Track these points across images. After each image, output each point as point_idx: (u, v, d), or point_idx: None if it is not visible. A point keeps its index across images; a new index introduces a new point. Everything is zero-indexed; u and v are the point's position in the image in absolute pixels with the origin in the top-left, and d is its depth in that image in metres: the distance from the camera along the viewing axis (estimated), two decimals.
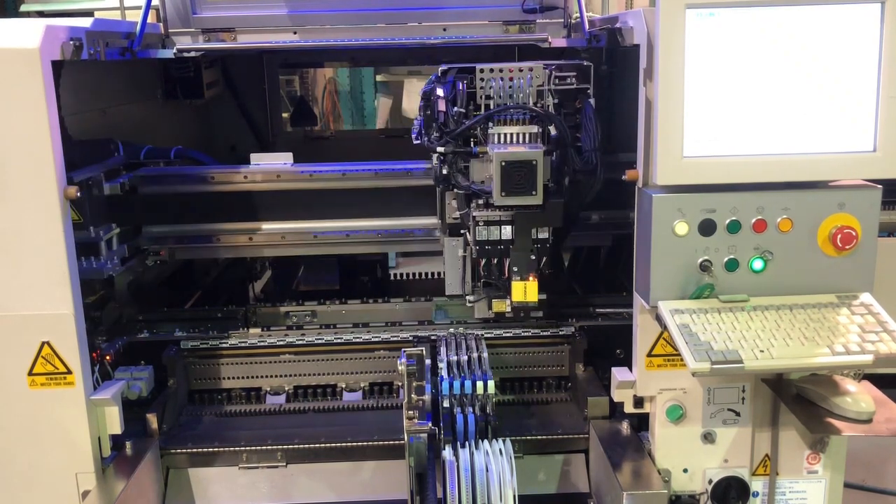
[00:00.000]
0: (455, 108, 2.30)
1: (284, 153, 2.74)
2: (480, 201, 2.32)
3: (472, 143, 2.33)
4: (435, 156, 2.37)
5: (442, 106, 2.32)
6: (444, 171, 2.35)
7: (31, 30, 1.95)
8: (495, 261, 2.36)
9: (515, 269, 2.34)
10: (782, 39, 1.92)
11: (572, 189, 2.37)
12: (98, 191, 2.48)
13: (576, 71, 2.35)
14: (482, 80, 2.32)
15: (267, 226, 2.73)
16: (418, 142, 2.42)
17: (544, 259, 2.34)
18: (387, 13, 2.80)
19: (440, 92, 2.32)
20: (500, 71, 2.33)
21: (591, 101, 2.34)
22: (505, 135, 2.28)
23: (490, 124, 2.30)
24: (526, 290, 2.33)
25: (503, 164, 2.16)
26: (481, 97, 2.33)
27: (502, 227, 2.30)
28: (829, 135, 1.97)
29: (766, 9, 1.91)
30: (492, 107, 2.31)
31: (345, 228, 2.74)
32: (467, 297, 2.51)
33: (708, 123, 1.96)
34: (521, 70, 2.33)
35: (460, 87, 2.30)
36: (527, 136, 2.28)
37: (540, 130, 2.30)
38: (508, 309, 2.42)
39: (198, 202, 2.71)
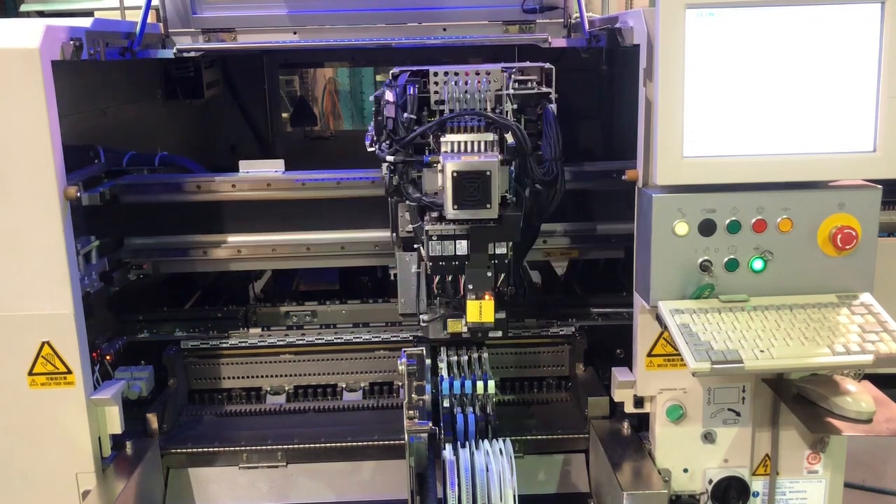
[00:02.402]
0: (405, 115, 2.15)
1: (276, 160, 2.62)
2: (434, 214, 2.15)
3: (425, 152, 2.17)
4: (385, 165, 2.23)
5: (391, 112, 2.16)
6: (395, 182, 2.20)
7: (31, 30, 1.95)
8: (450, 278, 2.18)
9: (471, 286, 2.15)
10: (782, 39, 1.92)
11: (533, 200, 2.21)
12: (75, 199, 2.20)
13: (537, 74, 2.21)
14: (436, 83, 2.18)
15: (257, 238, 2.62)
16: (372, 149, 2.26)
17: (503, 276, 2.18)
18: (387, 13, 2.80)
19: (389, 96, 2.16)
20: (456, 74, 2.19)
21: (553, 106, 2.18)
22: (459, 143, 2.14)
23: (443, 132, 2.15)
24: (482, 310, 2.15)
25: (455, 174, 2.03)
26: (435, 102, 2.19)
27: (457, 241, 2.12)
28: (829, 135, 1.97)
29: (766, 9, 1.90)
30: (446, 112, 2.17)
31: (340, 240, 2.62)
32: (421, 317, 2.34)
33: (708, 123, 1.96)
34: (477, 73, 2.19)
35: (411, 92, 2.16)
36: (482, 144, 2.14)
37: (497, 138, 2.15)
38: (465, 329, 2.24)
39: (183, 212, 2.59)
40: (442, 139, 2.15)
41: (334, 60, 4.34)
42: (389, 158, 2.18)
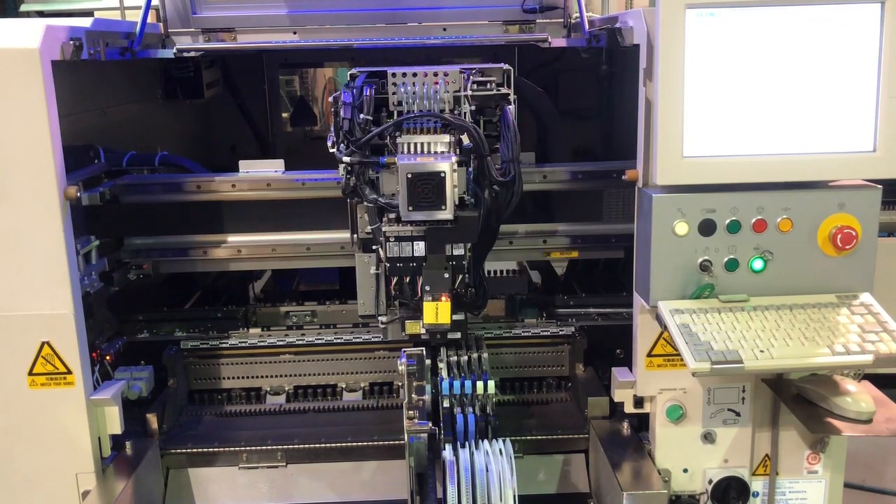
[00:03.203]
0: (361, 115, 2.14)
1: (275, 160, 2.62)
2: (392, 216, 2.17)
3: (384, 153, 2.18)
4: (342, 166, 2.20)
5: (347, 113, 2.15)
6: (352, 183, 2.19)
7: (31, 30, 1.95)
8: (408, 279, 2.20)
9: (427, 288, 2.16)
10: (782, 39, 1.92)
11: (492, 202, 2.19)
12: (76, 201, 2.22)
13: (497, 76, 2.21)
14: (394, 84, 2.18)
15: (257, 238, 2.62)
16: (333, 150, 2.23)
17: (460, 277, 2.19)
18: (387, 13, 2.80)
19: (345, 97, 2.16)
20: (414, 75, 2.19)
21: (512, 107, 2.18)
22: (414, 144, 2.14)
23: (399, 133, 2.16)
24: (438, 312, 2.16)
25: (409, 176, 2.05)
26: (393, 104, 2.19)
27: (414, 243, 2.15)
28: (829, 135, 1.97)
29: (766, 9, 1.90)
30: (404, 114, 2.17)
31: (339, 240, 2.60)
32: (380, 318, 2.35)
33: (708, 123, 1.96)
34: (436, 74, 2.19)
35: (367, 93, 2.16)
36: (438, 145, 2.15)
37: (454, 140, 2.16)
38: (423, 331, 2.26)
39: (183, 212, 2.59)
40: (398, 140, 2.16)
41: (334, 60, 4.34)
42: (346, 159, 2.17)
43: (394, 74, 2.19)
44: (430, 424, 2.05)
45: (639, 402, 2.25)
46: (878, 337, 1.90)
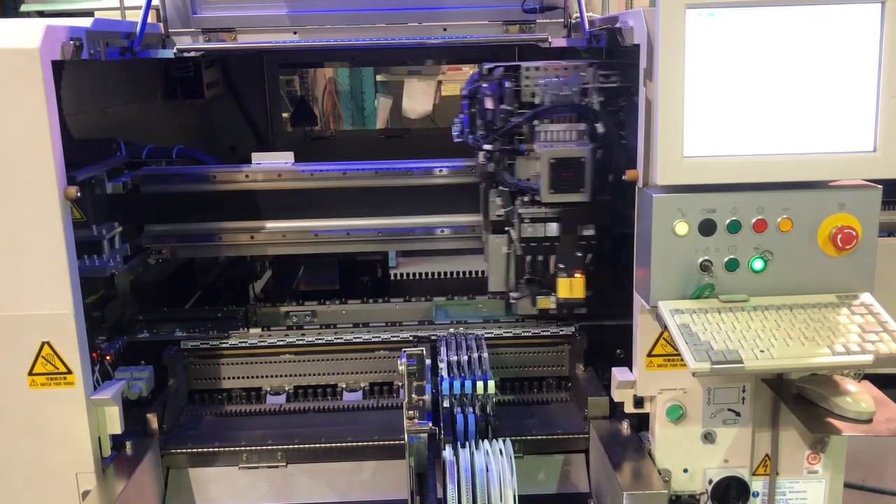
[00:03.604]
0: (502, 106, 2.31)
1: (285, 152, 2.75)
2: (526, 198, 2.35)
3: (517, 141, 2.35)
4: (481, 154, 2.40)
5: (489, 104, 2.32)
6: (491, 169, 2.38)
7: (31, 30, 1.94)
8: (540, 258, 2.39)
9: (562, 265, 2.36)
10: (782, 39, 1.92)
11: (615, 186, 2.35)
12: (100, 190, 2.51)
13: (619, 70, 2.37)
14: (528, 77, 2.34)
15: (268, 224, 2.74)
16: (460, 140, 2.45)
17: (590, 256, 2.36)
18: (387, 13, 2.80)
19: (486, 90, 2.33)
20: (546, 69, 2.35)
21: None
22: (552, 132, 2.30)
23: (536, 122, 2.31)
24: (572, 287, 2.36)
25: (552, 161, 2.21)
26: (526, 95, 2.35)
27: (548, 224, 2.32)
28: (829, 135, 1.97)
29: (766, 9, 1.91)
30: (536, 104, 2.33)
31: (345, 227, 2.74)
32: (511, 294, 2.51)
33: (708, 123, 1.96)
34: (566, 68, 2.35)
35: (507, 86, 2.31)
36: (574, 133, 2.30)
37: (586, 128, 2.31)
38: (553, 305, 2.43)
39: (199, 201, 2.72)
40: (536, 129, 2.30)
41: (334, 60, 4.35)
42: (487, 147, 2.35)
43: (527, 69, 2.35)
44: (430, 424, 2.05)
45: (639, 402, 2.25)
46: (878, 337, 1.90)
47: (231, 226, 2.74)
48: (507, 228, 2.48)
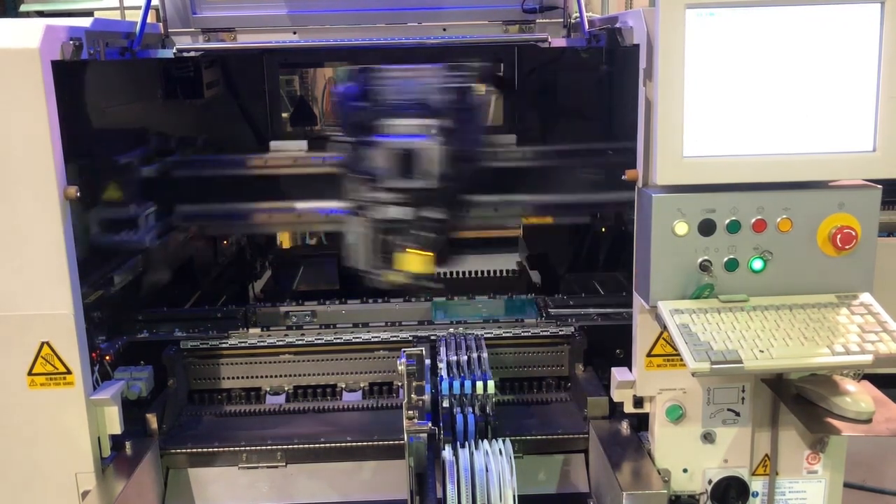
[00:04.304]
0: (360, 104, 2.56)
1: (300, 141, 3.04)
2: (378, 185, 2.57)
3: (373, 134, 2.58)
4: (340, 145, 2.65)
5: (345, 102, 2.59)
6: (348, 159, 2.63)
7: (31, 30, 1.94)
8: (394, 238, 2.60)
9: (410, 244, 2.58)
10: (782, 39, 1.92)
11: (458, 174, 2.62)
12: (136, 173, 2.82)
13: (465, 71, 2.61)
14: (380, 79, 2.58)
15: (285, 205, 3.00)
16: (329, 133, 2.77)
17: (438, 236, 2.59)
18: (387, 13, 2.80)
19: (343, 90, 2.61)
20: (400, 71, 2.58)
21: (476, 97, 2.63)
22: (400, 126, 2.54)
23: (388, 118, 2.55)
24: (419, 263, 2.58)
25: (399, 152, 2.48)
26: (381, 94, 2.59)
27: (398, 207, 2.56)
28: (829, 135, 1.97)
29: (766, 9, 1.91)
30: (388, 102, 2.58)
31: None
32: (370, 270, 2.68)
33: (708, 123, 1.96)
34: (416, 70, 2.59)
35: (363, 86, 2.56)
36: (418, 128, 2.54)
37: (431, 123, 2.54)
38: (405, 279, 2.63)
39: (224, 184, 2.99)
40: (387, 123, 2.54)
41: (334, 60, 4.34)
42: (344, 139, 2.61)
43: (379, 70, 2.58)
44: (430, 424, 2.05)
45: (638, 402, 2.25)
46: (877, 337, 1.90)
47: (251, 206, 3.00)
48: (365, 212, 2.70)
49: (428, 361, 2.26)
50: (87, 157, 2.41)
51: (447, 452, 2.02)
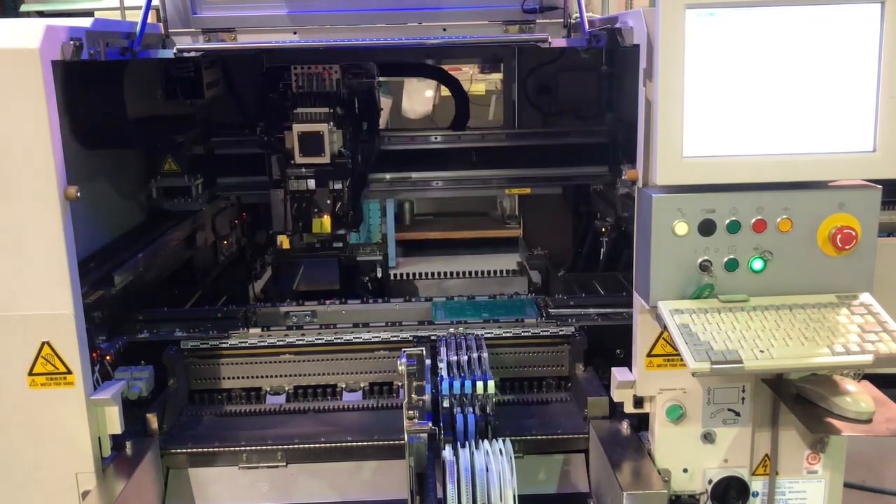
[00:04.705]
0: (274, 95, 3.11)
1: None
2: (293, 162, 3.06)
3: (289, 120, 3.07)
4: (259, 129, 3.15)
5: (266, 93, 3.12)
6: (267, 140, 3.14)
7: (31, 30, 1.94)
8: (304, 205, 3.12)
9: (316, 210, 3.12)
10: (782, 39, 1.92)
11: (362, 154, 3.28)
12: (188, 151, 3.28)
13: (364, 69, 3.20)
14: (296, 75, 3.09)
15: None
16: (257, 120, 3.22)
17: (339, 203, 3.12)
18: (387, 13, 2.80)
19: (265, 85, 3.13)
20: (310, 68, 3.09)
21: (374, 90, 3.30)
22: (305, 114, 3.04)
23: (298, 108, 3.04)
24: (322, 225, 3.11)
25: (300, 134, 2.99)
26: (295, 87, 3.12)
27: (308, 180, 3.09)
28: (828, 135, 1.97)
29: (766, 9, 1.91)
30: (299, 94, 3.11)
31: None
32: (287, 232, 3.18)
33: (708, 123, 1.96)
34: (324, 68, 3.11)
35: (281, 81, 3.10)
36: (318, 115, 3.04)
37: (334, 111, 3.06)
38: (315, 241, 3.23)
39: (256, 160, 3.29)
40: (296, 111, 3.05)
41: (334, 60, 4.34)
42: (263, 124, 3.14)
43: (296, 68, 3.09)
44: (430, 424, 2.05)
45: (638, 402, 2.25)
46: (877, 337, 1.90)
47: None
48: (282, 185, 3.17)
49: (428, 361, 2.26)
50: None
51: (447, 452, 2.02)
